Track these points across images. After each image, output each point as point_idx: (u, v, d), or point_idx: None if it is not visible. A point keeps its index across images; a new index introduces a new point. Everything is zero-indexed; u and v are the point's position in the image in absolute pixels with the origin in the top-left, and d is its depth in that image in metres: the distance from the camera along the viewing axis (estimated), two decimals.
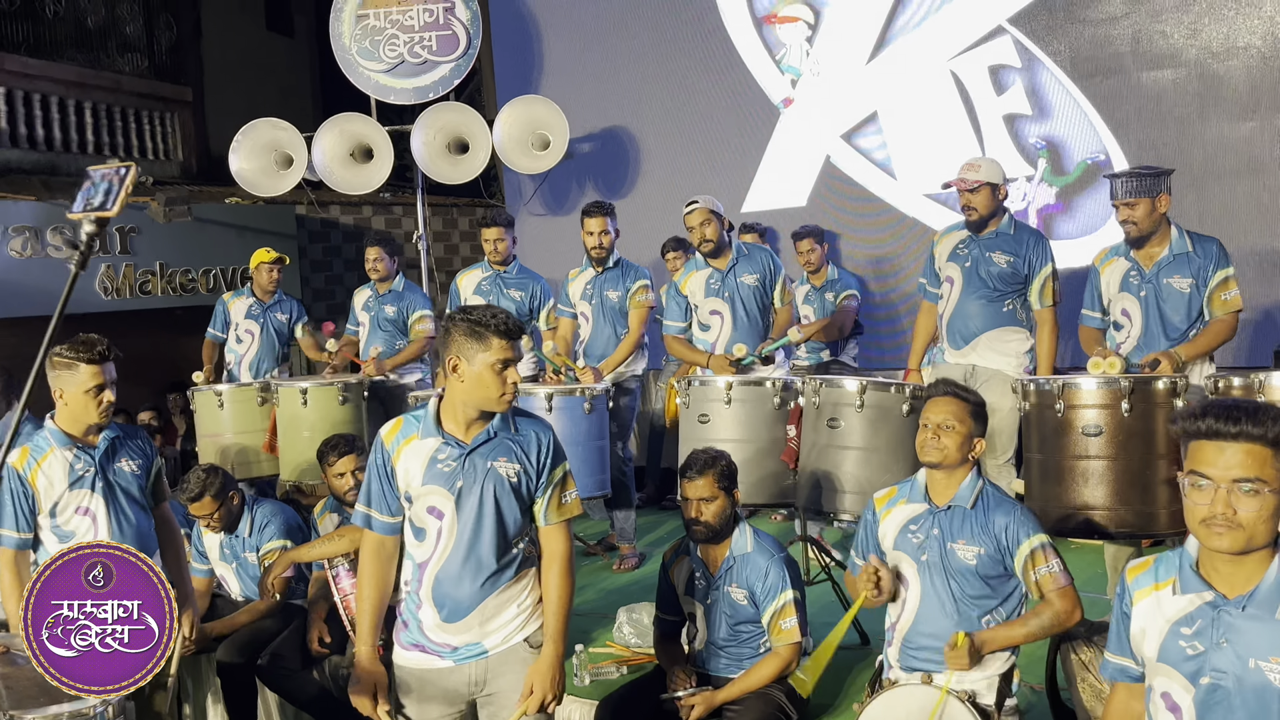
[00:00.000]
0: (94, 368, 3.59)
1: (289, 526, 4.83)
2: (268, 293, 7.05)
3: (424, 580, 2.91)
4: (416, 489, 2.89)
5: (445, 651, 2.91)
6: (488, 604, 2.89)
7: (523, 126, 7.70)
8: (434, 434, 2.89)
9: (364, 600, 2.98)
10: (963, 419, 3.20)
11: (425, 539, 2.91)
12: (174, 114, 11.15)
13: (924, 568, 3.23)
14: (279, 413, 5.99)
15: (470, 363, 2.78)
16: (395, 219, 11.77)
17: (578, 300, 6.21)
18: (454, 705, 2.95)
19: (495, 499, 2.87)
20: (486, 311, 2.81)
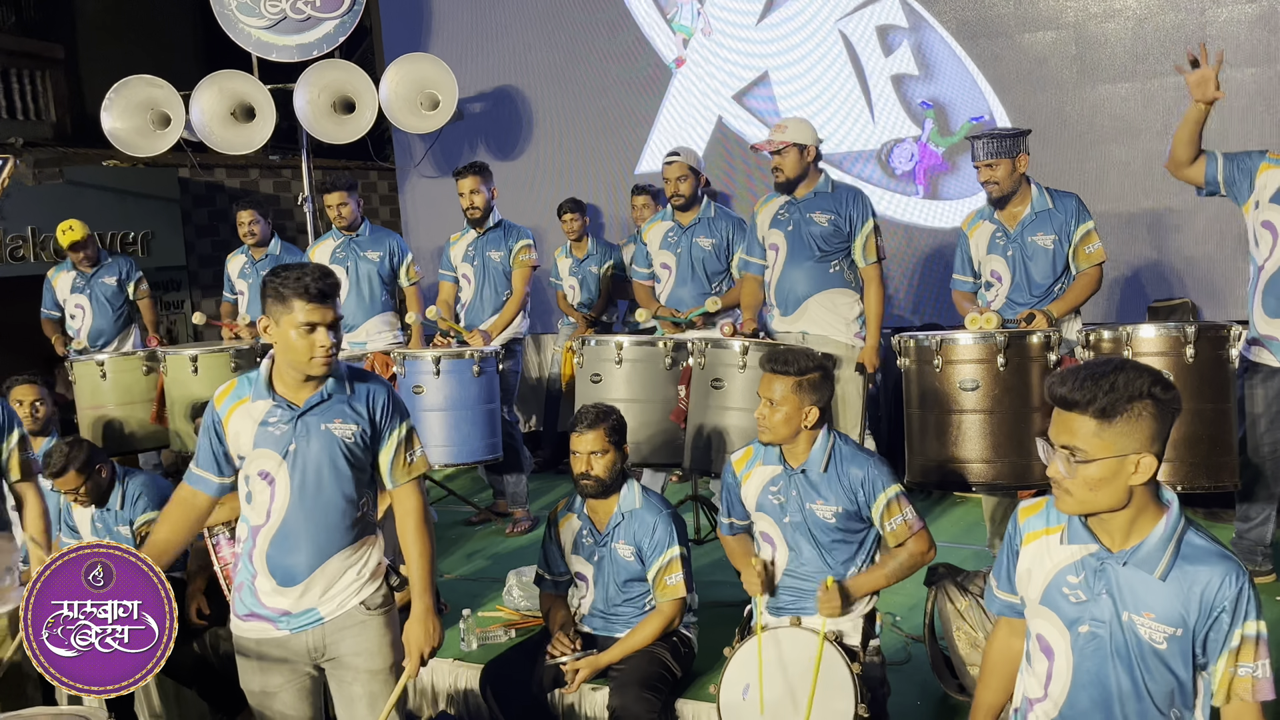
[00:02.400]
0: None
1: (162, 498, 4.67)
2: (86, 261, 6.81)
3: (257, 544, 2.85)
4: (247, 451, 2.82)
5: (280, 619, 2.86)
6: (325, 568, 2.84)
7: (410, 85, 7.52)
8: (265, 396, 2.82)
9: (156, 542, 2.78)
10: (786, 395, 3.23)
11: (255, 503, 2.85)
12: (44, 72, 10.64)
13: (787, 528, 3.31)
14: (167, 381, 5.80)
15: (278, 324, 2.73)
16: (284, 182, 11.47)
17: (459, 262, 6.12)
18: (297, 672, 2.90)
19: (330, 462, 2.81)
20: (293, 272, 2.74)
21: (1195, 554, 2.06)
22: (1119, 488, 2.03)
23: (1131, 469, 2.01)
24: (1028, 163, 4.53)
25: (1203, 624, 2.04)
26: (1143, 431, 2.01)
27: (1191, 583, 2.04)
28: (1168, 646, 2.06)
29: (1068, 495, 2.06)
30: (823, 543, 3.29)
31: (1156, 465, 2.02)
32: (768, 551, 3.38)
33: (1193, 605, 2.04)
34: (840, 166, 7.17)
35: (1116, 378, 2.01)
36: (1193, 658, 2.06)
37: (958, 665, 3.48)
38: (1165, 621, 2.05)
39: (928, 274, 7.11)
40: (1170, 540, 2.06)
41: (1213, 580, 2.03)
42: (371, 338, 6.16)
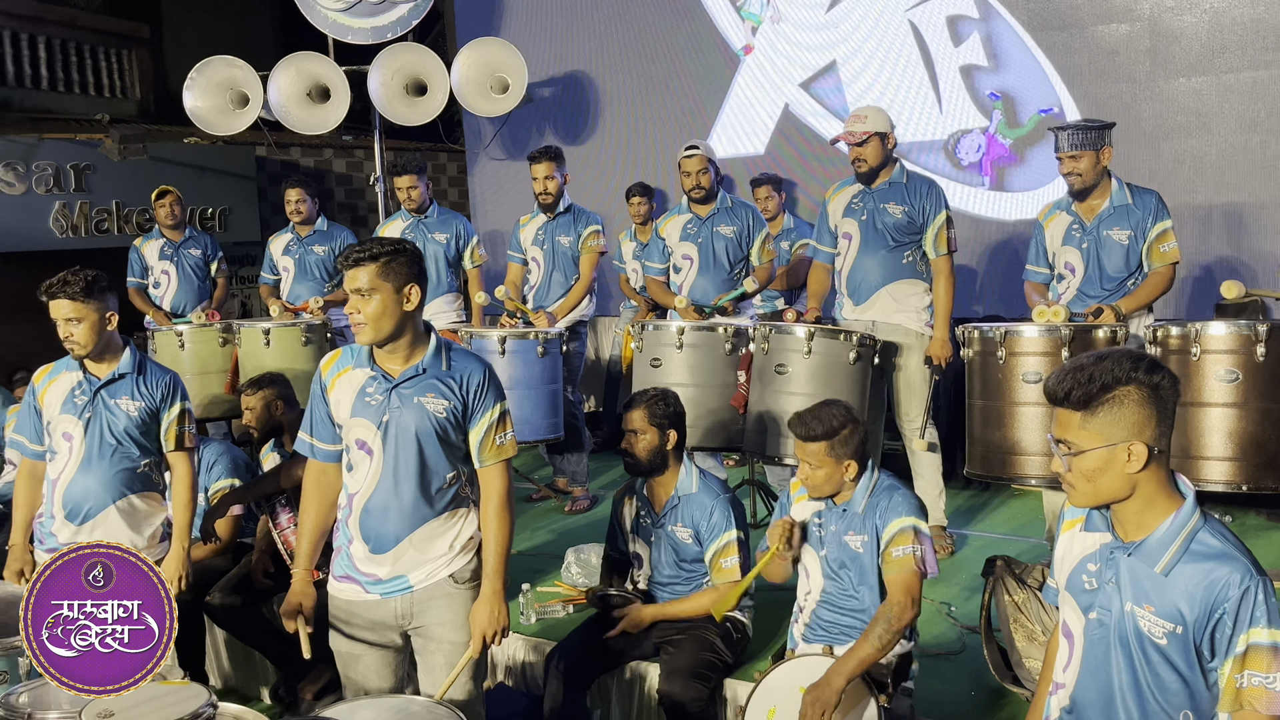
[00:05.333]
0: (53, 303, 3.65)
1: (236, 465, 4.84)
2: (172, 229, 6.99)
3: (353, 511, 2.95)
4: (346, 420, 2.92)
5: (371, 583, 2.95)
6: (414, 538, 2.92)
7: (481, 69, 7.63)
8: (365, 366, 2.91)
9: (304, 525, 3.03)
10: (822, 459, 3.21)
11: (355, 471, 2.94)
12: (130, 51, 10.93)
13: (824, 561, 3.31)
14: (241, 354, 5.97)
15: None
16: (357, 162, 11.66)
17: (529, 245, 6.22)
18: (383, 636, 3.00)
19: (422, 436, 2.88)
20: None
21: (1204, 552, 2.01)
22: (1117, 477, 2.02)
23: (1124, 457, 2.00)
24: (1111, 156, 4.46)
25: (1203, 625, 1.99)
26: (1129, 418, 1.99)
27: (1194, 581, 1.99)
28: (1168, 643, 2.02)
29: (1072, 489, 2.08)
30: (858, 577, 3.25)
31: (1149, 453, 1.99)
32: (805, 582, 3.38)
33: (1194, 604, 1.99)
34: (907, 156, 7.14)
35: (1095, 368, 2.01)
36: (1198, 659, 2.01)
37: (1014, 658, 3.51)
38: (1164, 617, 2.02)
39: (992, 265, 7.06)
40: (1178, 535, 2.03)
41: (1216, 581, 1.97)
42: (433, 316, 6.30)
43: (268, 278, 6.86)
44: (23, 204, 8.65)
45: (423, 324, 2.96)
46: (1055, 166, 4.57)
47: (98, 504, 3.75)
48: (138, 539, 3.83)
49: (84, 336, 3.67)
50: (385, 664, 3.01)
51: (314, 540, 3.04)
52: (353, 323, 2.84)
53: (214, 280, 7.14)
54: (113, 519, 3.77)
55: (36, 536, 3.83)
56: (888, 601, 3.11)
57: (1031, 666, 3.42)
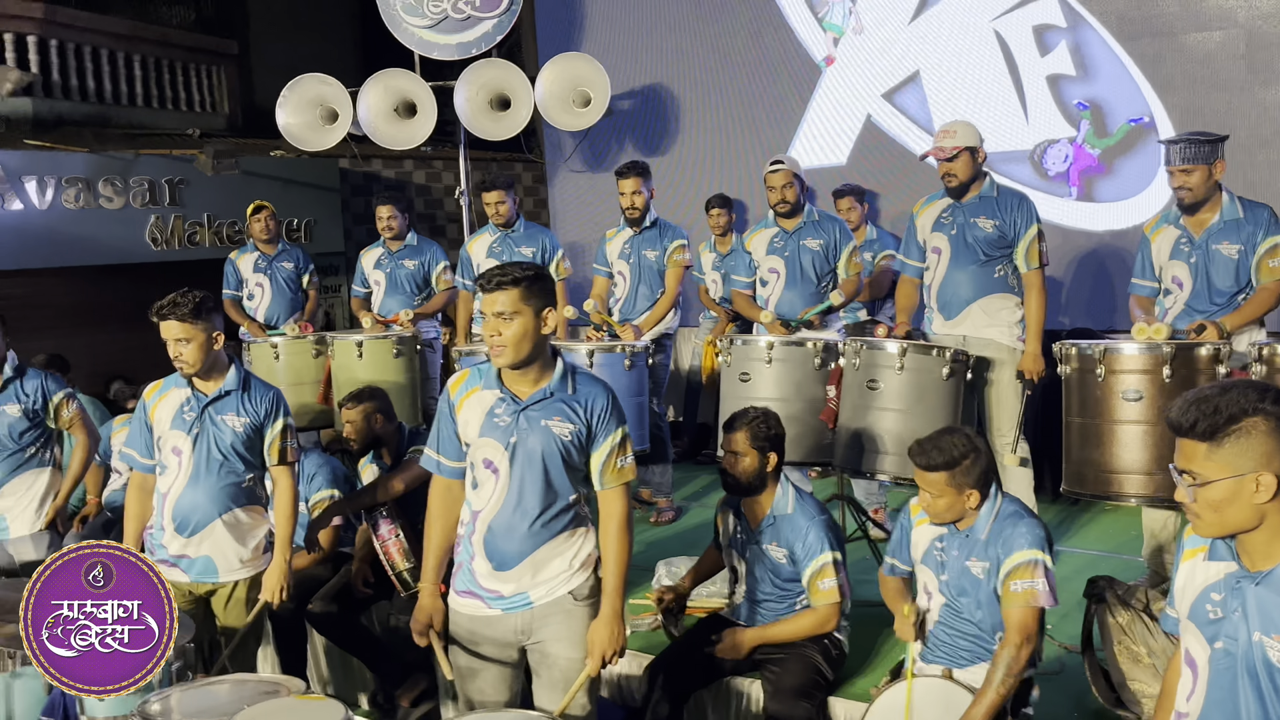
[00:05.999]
0: (164, 324, 3.78)
1: (336, 476, 4.96)
2: (267, 243, 7.16)
3: (477, 529, 3.02)
4: (474, 440, 2.99)
5: (494, 599, 3.02)
6: (535, 556, 2.98)
7: (564, 83, 7.73)
8: (494, 387, 2.98)
9: (429, 541, 3.10)
10: (943, 489, 3.19)
11: (480, 489, 3.01)
12: (220, 67, 11.24)
13: (944, 585, 3.29)
14: (334, 365, 6.12)
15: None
16: (435, 173, 11.84)
17: (615, 259, 6.27)
18: (503, 651, 3.06)
19: (548, 458, 2.94)
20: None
21: None
22: (1244, 508, 2.00)
23: (1252, 488, 1.98)
24: (1224, 169, 4.34)
25: None
26: (1256, 449, 1.98)
27: None
28: None
29: (1198, 519, 2.06)
30: (975, 604, 3.23)
31: (1278, 482, 1.98)
32: (924, 600, 3.37)
33: None
34: (991, 167, 7.08)
35: (1220, 399, 1.99)
36: None
37: (1117, 680, 3.48)
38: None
39: (1079, 277, 6.98)
40: None
41: None
42: None
43: (359, 290, 7.01)
44: (121, 218, 8.93)
45: (551, 347, 3.02)
46: (1144, 176, 4.53)
47: (205, 517, 3.86)
48: (243, 551, 3.94)
49: (192, 356, 3.79)
50: (502, 679, 3.08)
51: (440, 555, 3.12)
52: (491, 345, 2.90)
53: (305, 292, 7.32)
54: (219, 531, 3.88)
55: (147, 547, 3.96)
56: (1005, 643, 3.09)
57: (1136, 689, 3.40)
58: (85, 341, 8.74)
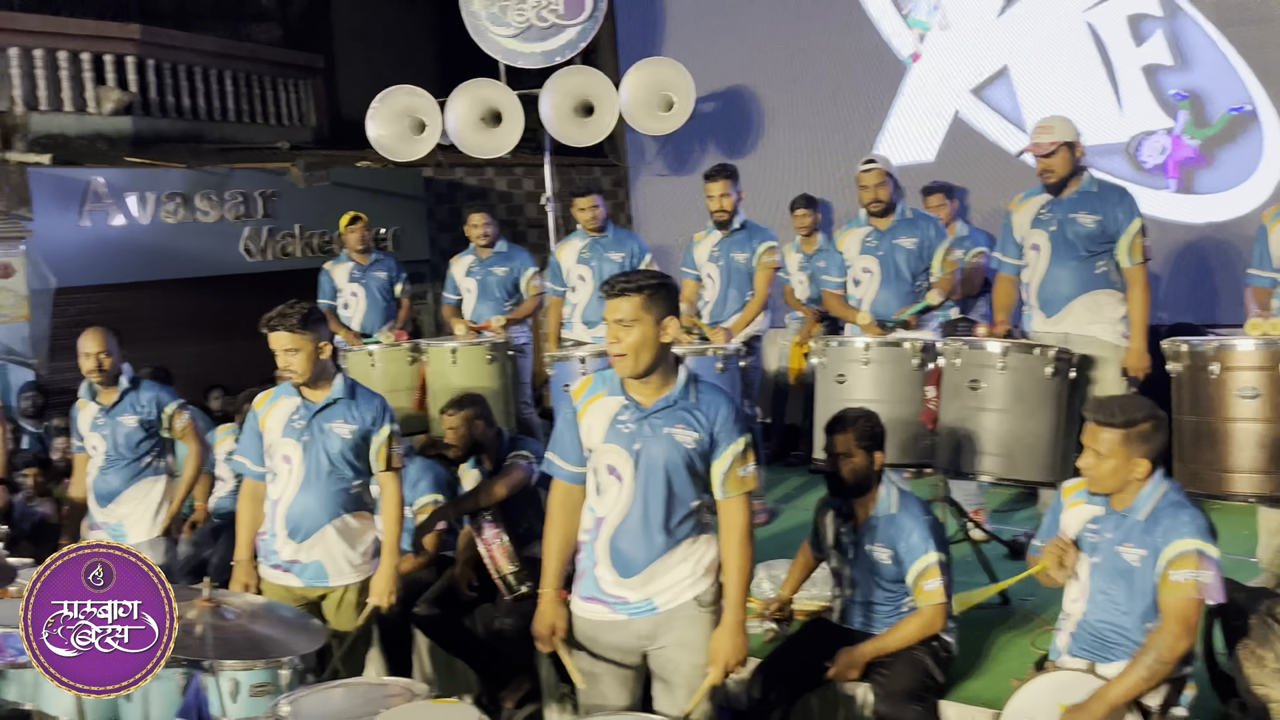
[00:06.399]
0: (272, 335, 3.87)
1: (439, 482, 5.04)
2: (361, 253, 7.28)
3: (600, 535, 3.04)
4: (597, 446, 3.02)
5: (618, 604, 3.04)
6: (660, 563, 3.00)
7: (648, 88, 7.76)
8: (618, 394, 3.00)
9: (549, 546, 3.13)
10: (1113, 448, 3.03)
11: (604, 495, 3.04)
12: (307, 81, 11.49)
13: (1096, 568, 3.17)
14: (428, 371, 6.22)
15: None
16: (516, 179, 11.96)
17: (704, 262, 6.28)
18: (626, 656, 3.08)
19: (671, 465, 2.95)
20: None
21: None
22: None
23: None
24: None
25: None
26: None
27: None
28: None
29: None
30: (1128, 592, 3.10)
31: None
32: (1073, 588, 3.24)
33: None
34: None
35: None
36: None
37: (1241, 685, 3.39)
38: None
39: (1178, 271, 6.83)
40: None
41: None
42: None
43: (450, 298, 7.11)
44: (216, 230, 9.18)
45: (673, 356, 3.03)
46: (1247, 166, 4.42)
47: (316, 523, 3.95)
48: (353, 555, 4.03)
49: (301, 366, 3.87)
50: (623, 684, 3.10)
51: (560, 561, 3.14)
52: (612, 353, 2.93)
53: (398, 301, 7.45)
54: (330, 537, 3.97)
55: (260, 553, 4.06)
56: (1160, 630, 2.96)
57: (1262, 694, 3.31)
58: (183, 352, 9.00)
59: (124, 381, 4.87)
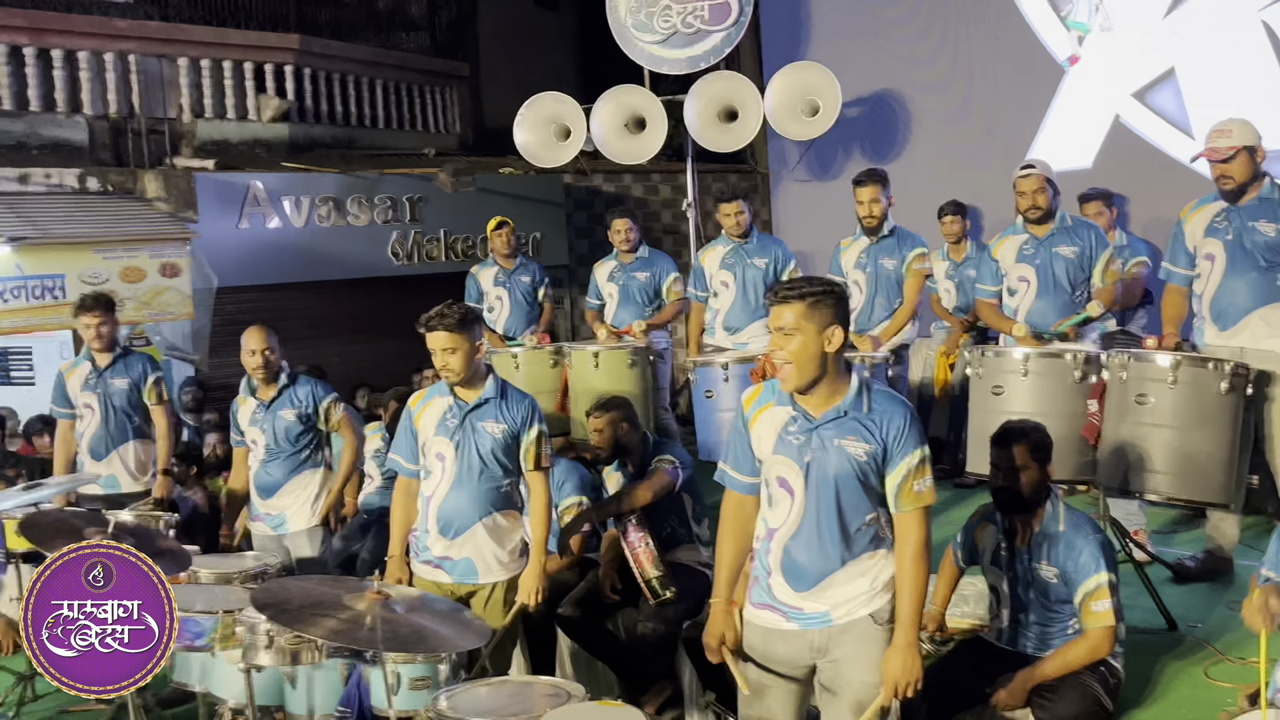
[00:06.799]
0: (432, 335, 3.91)
1: (584, 483, 5.06)
2: (507, 258, 7.37)
3: (773, 547, 2.99)
4: (767, 457, 2.97)
5: (793, 613, 2.98)
6: (834, 577, 2.93)
7: (794, 93, 7.70)
8: (787, 404, 2.94)
9: (721, 555, 3.09)
10: None
11: (776, 507, 2.98)
12: (453, 88, 11.77)
13: None
14: (571, 374, 6.28)
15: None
16: (653, 186, 12.01)
17: (850, 269, 6.17)
18: (795, 666, 3.01)
19: (844, 478, 2.88)
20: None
21: None
22: None
23: None
24: None
25: None
26: None
27: None
28: None
29: None
30: None
31: None
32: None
33: None
34: None
35: None
36: None
37: None
38: None
39: None
40: None
41: None
42: (752, 340, 6.38)
43: (592, 303, 7.17)
44: (366, 234, 9.47)
45: (843, 363, 2.95)
46: None
47: (467, 520, 4.00)
48: (501, 554, 4.07)
49: (458, 365, 3.93)
50: (790, 696, 3.04)
51: (733, 570, 3.09)
52: (774, 361, 2.89)
53: (540, 305, 7.54)
54: (480, 535, 4.02)
55: (412, 549, 4.14)
56: None
57: None
58: (330, 351, 9.30)
59: (283, 378, 5.03)
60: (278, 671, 3.17)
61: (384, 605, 2.72)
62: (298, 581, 3.10)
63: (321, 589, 2.80)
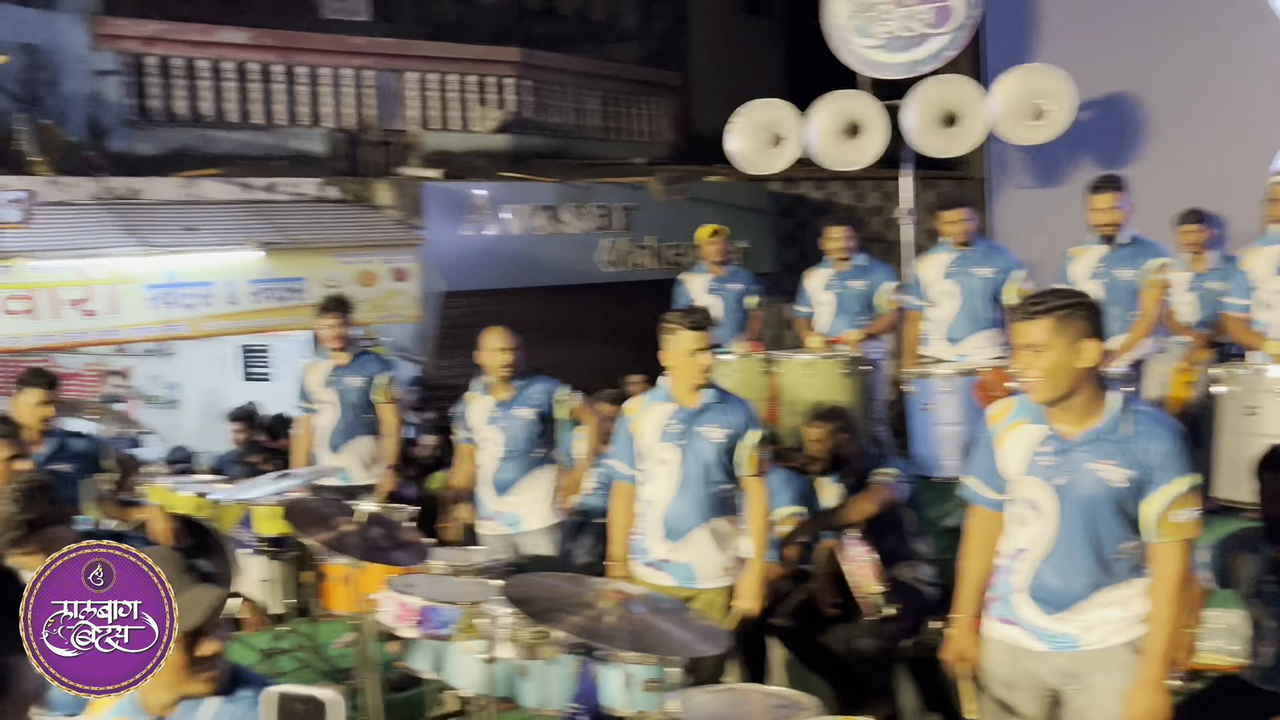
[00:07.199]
0: (693, 334, 3.92)
1: (800, 494, 5.01)
2: (717, 265, 7.35)
3: (1021, 568, 2.87)
4: (1016, 477, 2.85)
5: (1040, 634, 2.85)
6: (1086, 604, 2.80)
7: (1020, 96, 7.42)
8: (1040, 423, 2.82)
9: (966, 573, 3.01)
10: None
11: (1025, 527, 2.86)
12: (664, 98, 11.93)
13: None
14: (781, 383, 6.24)
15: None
16: (861, 193, 11.81)
17: (1083, 279, 5.87)
18: (1037, 692, 2.89)
19: (1094, 504, 2.74)
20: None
21: None
22: None
23: None
24: None
25: None
26: None
27: None
28: None
29: None
30: None
31: None
32: None
33: None
34: None
35: None
36: None
37: None
38: None
39: None
40: None
41: None
42: (974, 351, 6.17)
43: (802, 310, 7.09)
44: (578, 242, 9.70)
45: (1100, 380, 2.81)
46: None
47: (689, 524, 4.02)
48: (722, 559, 4.07)
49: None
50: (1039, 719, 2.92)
51: (976, 588, 3.00)
52: (1024, 379, 2.78)
53: (749, 313, 7.51)
54: (702, 539, 4.03)
55: (631, 551, 4.19)
56: None
57: None
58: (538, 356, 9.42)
59: (520, 378, 5.11)
60: (510, 664, 3.26)
61: (625, 605, 2.75)
62: (542, 578, 3.17)
63: (565, 586, 2.87)
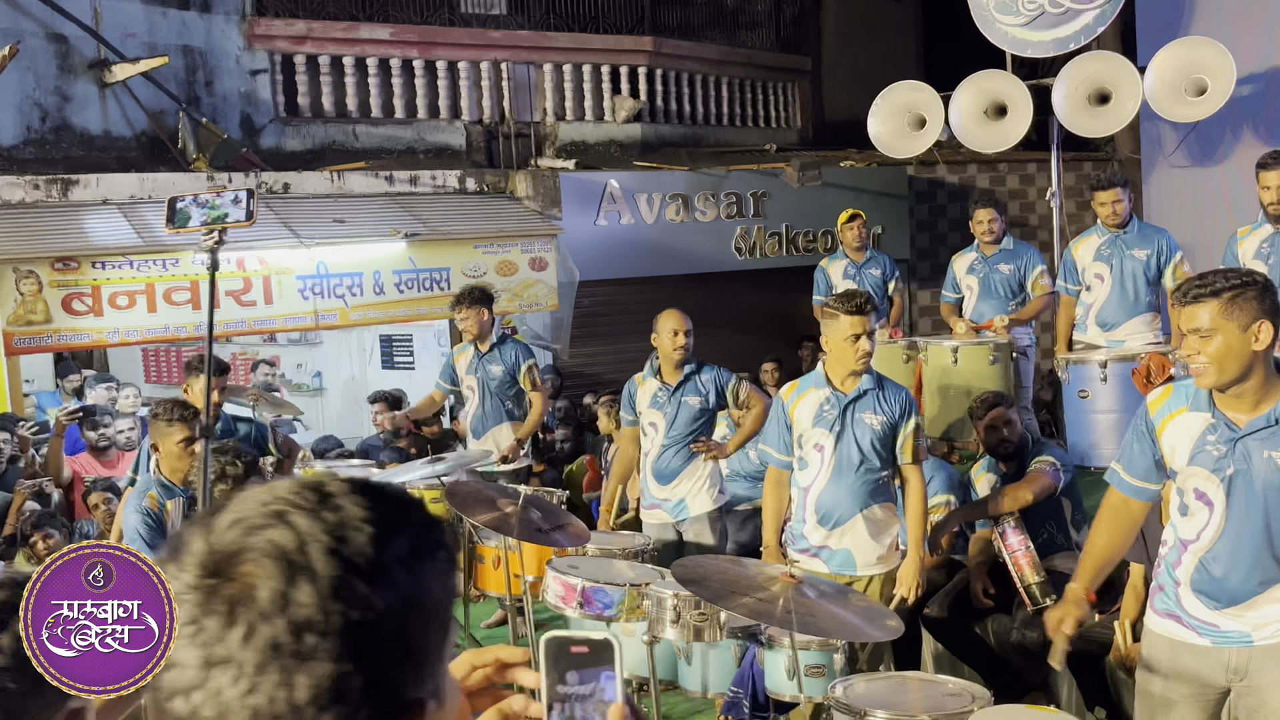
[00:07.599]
0: (852, 318, 3.87)
1: (952, 482, 4.92)
2: (857, 250, 7.24)
3: (1187, 560, 2.77)
4: (1181, 467, 2.75)
5: (1205, 629, 2.76)
6: (1257, 599, 2.68)
7: (1178, 71, 7.10)
8: (1205, 410, 2.70)
9: (1091, 549, 2.93)
10: None
11: (1191, 519, 2.76)
12: (795, 83, 11.80)
13: None
14: (926, 369, 6.14)
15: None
16: (999, 176, 11.51)
17: (1248, 260, 5.60)
18: (1204, 686, 2.79)
19: (1269, 494, 2.62)
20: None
21: None
22: None
23: None
24: None
25: None
26: None
27: None
28: None
29: None
30: None
31: None
32: None
33: None
34: None
35: None
36: None
37: None
38: None
39: None
40: None
41: None
42: (1130, 337, 5.97)
43: (949, 295, 6.96)
44: (712, 230, 9.67)
45: (1274, 364, 2.68)
46: None
47: (846, 512, 3.98)
48: (879, 547, 4.03)
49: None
50: (1202, 713, 2.81)
51: (1098, 566, 2.93)
52: (1191, 365, 2.67)
53: (890, 299, 7.40)
54: (859, 527, 3.99)
55: (786, 538, 4.16)
56: None
57: None
58: None
59: (690, 364, 4.99)
60: (671, 646, 3.29)
61: (797, 589, 2.74)
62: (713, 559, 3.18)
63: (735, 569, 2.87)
